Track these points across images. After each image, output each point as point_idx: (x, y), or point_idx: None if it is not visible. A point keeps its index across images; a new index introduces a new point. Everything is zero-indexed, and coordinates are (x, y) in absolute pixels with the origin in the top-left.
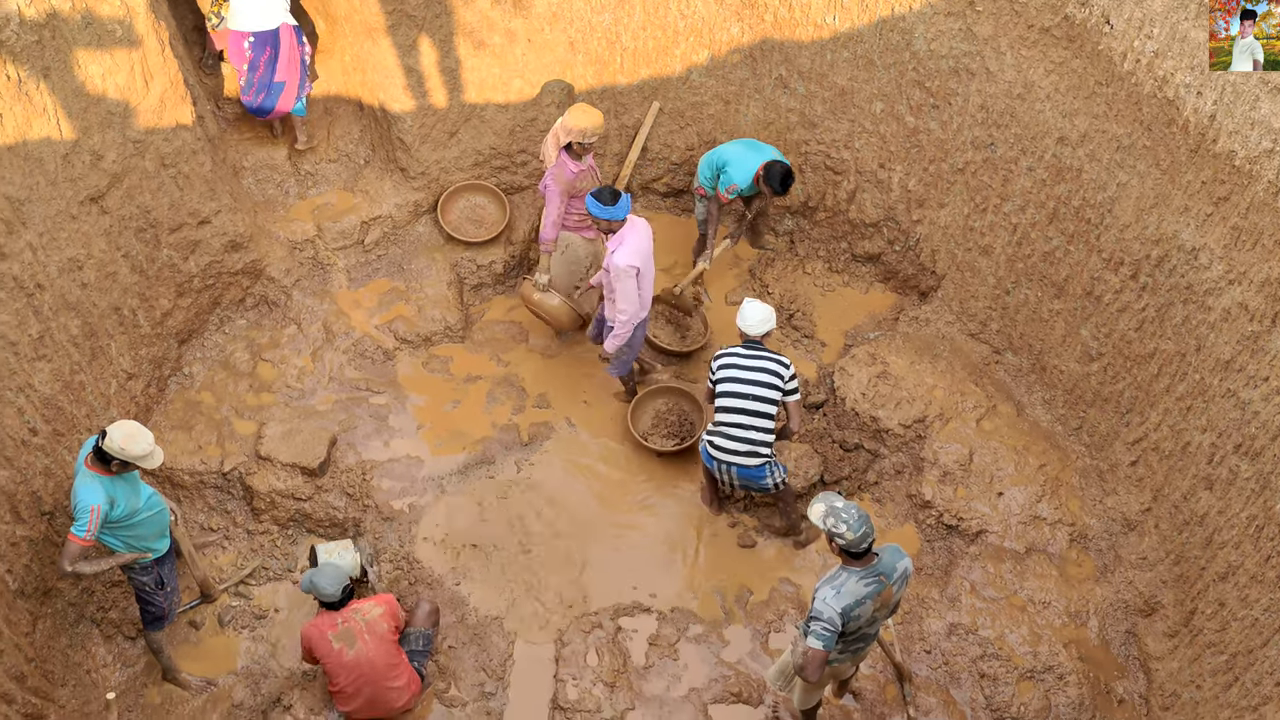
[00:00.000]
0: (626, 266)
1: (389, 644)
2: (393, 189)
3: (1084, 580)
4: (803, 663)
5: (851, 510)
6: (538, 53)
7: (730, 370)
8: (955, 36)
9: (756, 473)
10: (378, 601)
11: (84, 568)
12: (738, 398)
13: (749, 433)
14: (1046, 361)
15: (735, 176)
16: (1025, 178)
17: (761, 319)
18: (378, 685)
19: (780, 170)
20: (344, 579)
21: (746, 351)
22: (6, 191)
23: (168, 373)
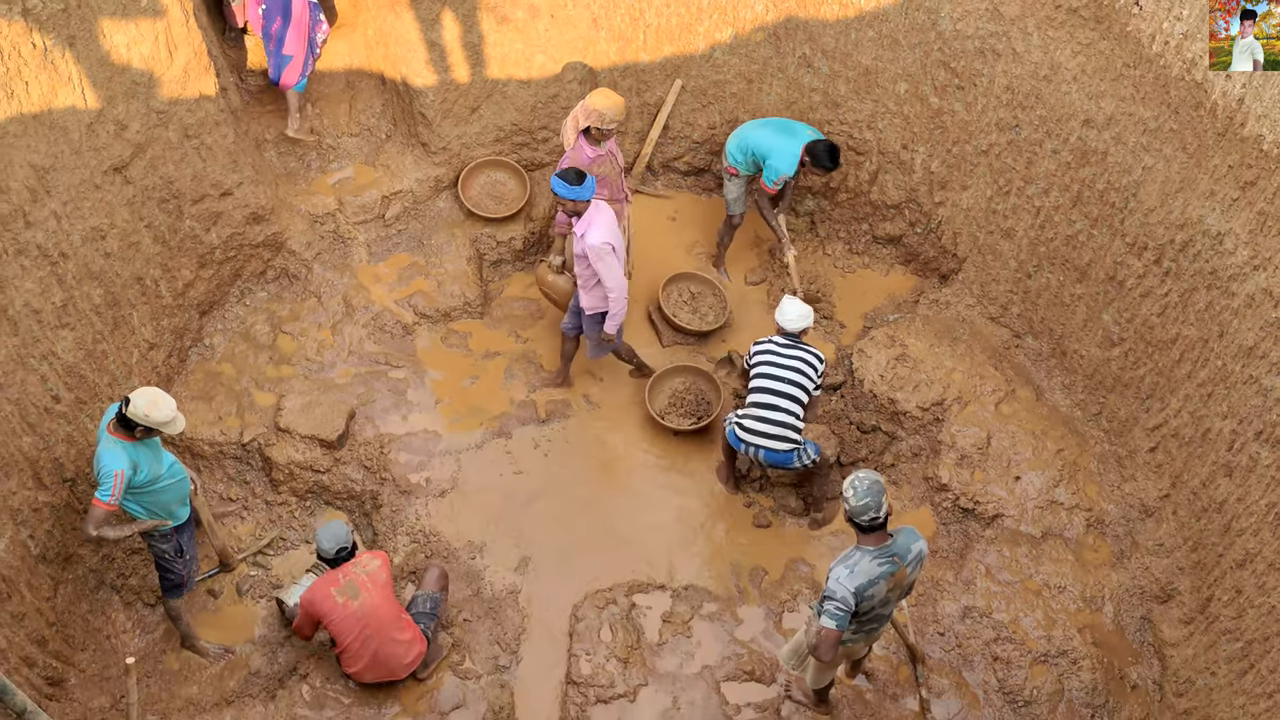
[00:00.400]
0: (602, 244)
1: (390, 592)
2: (414, 164)
3: (1100, 565)
4: (816, 642)
5: (865, 481)
6: (560, 28)
7: (765, 357)
8: (981, 16)
9: (784, 457)
10: (373, 555)
11: (107, 532)
12: (771, 380)
13: (778, 414)
14: (1067, 346)
15: (781, 166)
16: (1049, 160)
17: (799, 315)
18: (384, 637)
19: (825, 148)
20: (342, 539)
21: (783, 342)
22: (32, 160)
23: (189, 343)
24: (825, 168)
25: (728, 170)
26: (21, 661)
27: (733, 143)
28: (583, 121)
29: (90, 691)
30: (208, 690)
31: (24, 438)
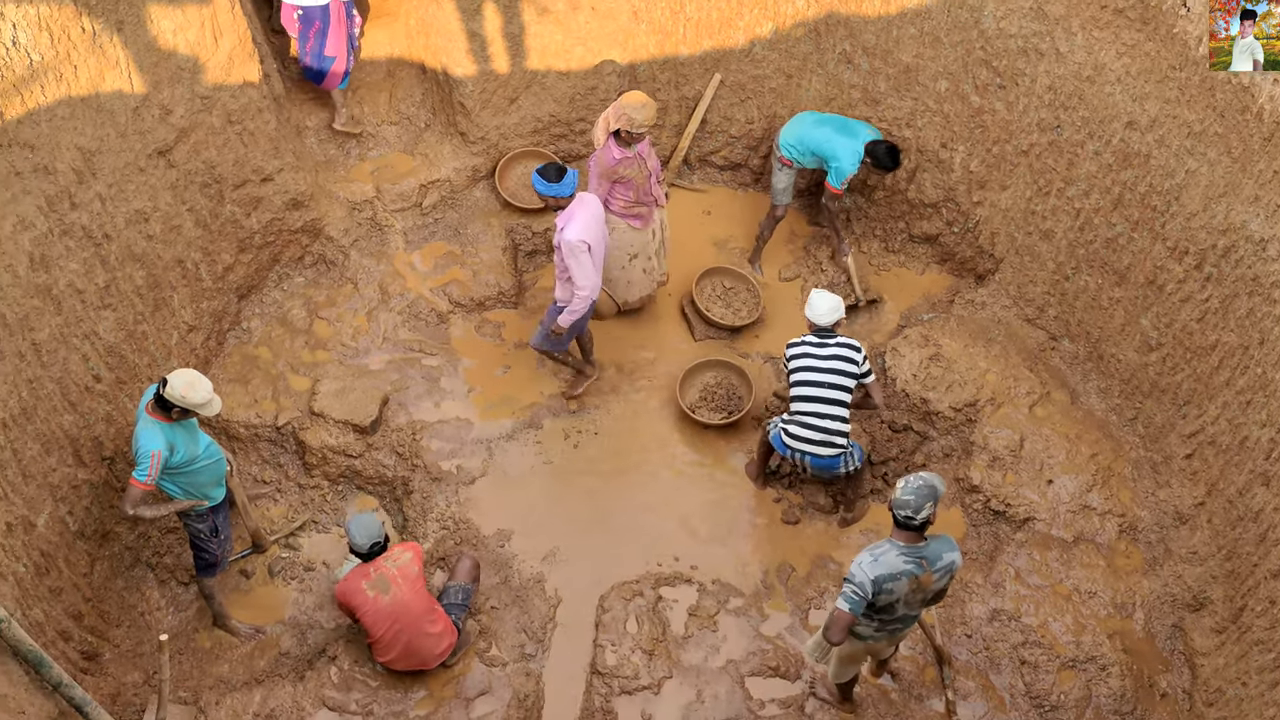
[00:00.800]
0: (577, 241)
1: (422, 585)
2: (452, 153)
3: (1132, 572)
4: (829, 622)
5: (918, 481)
6: (601, 21)
7: (804, 360)
8: (1025, 16)
9: (831, 462)
10: (405, 547)
11: (144, 511)
12: (813, 386)
13: (825, 422)
14: (1104, 350)
15: (847, 167)
16: (1091, 162)
17: (830, 308)
18: (415, 630)
19: (886, 148)
20: (375, 533)
21: (818, 340)
22: (79, 142)
23: (227, 326)
24: (886, 168)
25: (781, 160)
26: (58, 635)
27: (790, 135)
28: (613, 123)
29: (124, 667)
30: (238, 669)
31: (65, 416)
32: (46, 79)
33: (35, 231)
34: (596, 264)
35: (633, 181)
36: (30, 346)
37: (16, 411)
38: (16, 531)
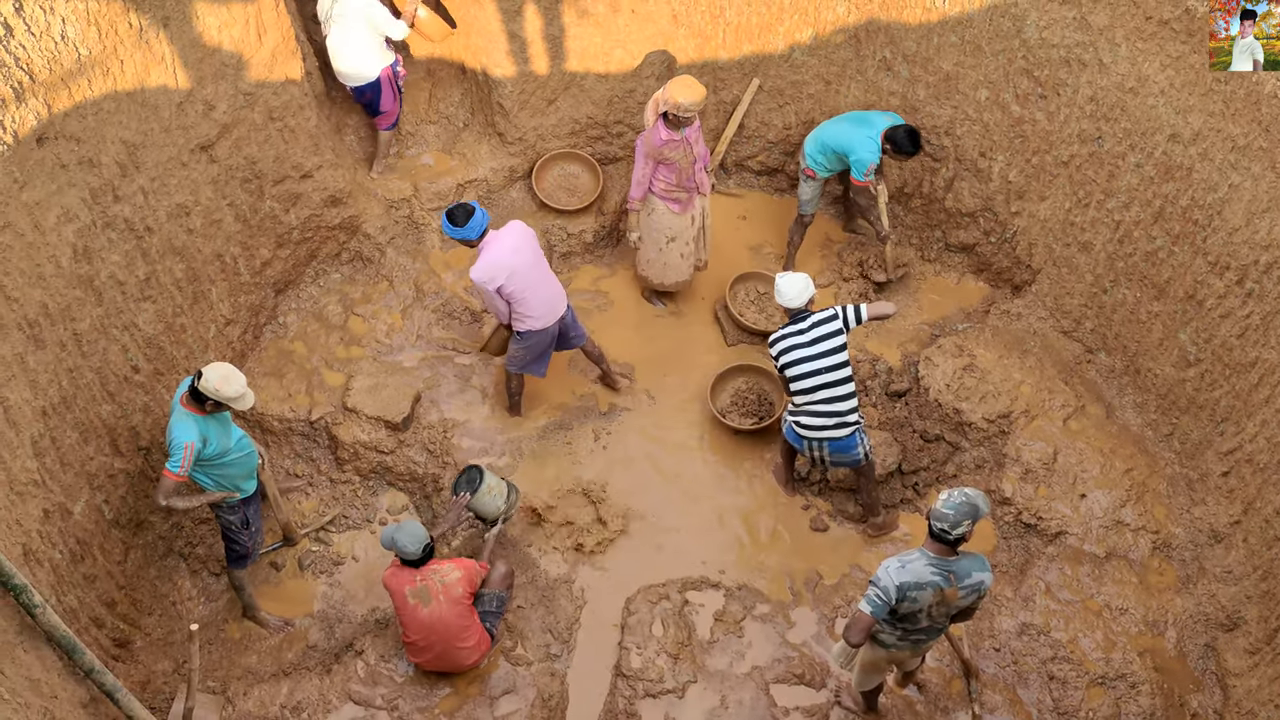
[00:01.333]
0: (479, 282)
1: (463, 607)
2: (489, 153)
3: (1164, 590)
4: (849, 622)
5: (960, 495)
6: (640, 24)
7: (793, 351)
8: (1068, 25)
9: (848, 443)
10: (456, 564)
11: (176, 502)
12: (811, 375)
13: (834, 404)
14: (1141, 364)
15: (866, 156)
16: (1132, 174)
17: (800, 289)
18: (449, 644)
19: (905, 132)
20: (424, 538)
21: (798, 326)
22: (123, 136)
23: (263, 321)
24: (907, 153)
25: (805, 172)
26: (91, 622)
27: (810, 144)
28: (662, 105)
29: (154, 655)
30: (266, 660)
31: (103, 405)
32: (93, 73)
33: (79, 223)
34: (529, 291)
35: (676, 165)
36: (71, 336)
37: (56, 400)
38: (54, 518)
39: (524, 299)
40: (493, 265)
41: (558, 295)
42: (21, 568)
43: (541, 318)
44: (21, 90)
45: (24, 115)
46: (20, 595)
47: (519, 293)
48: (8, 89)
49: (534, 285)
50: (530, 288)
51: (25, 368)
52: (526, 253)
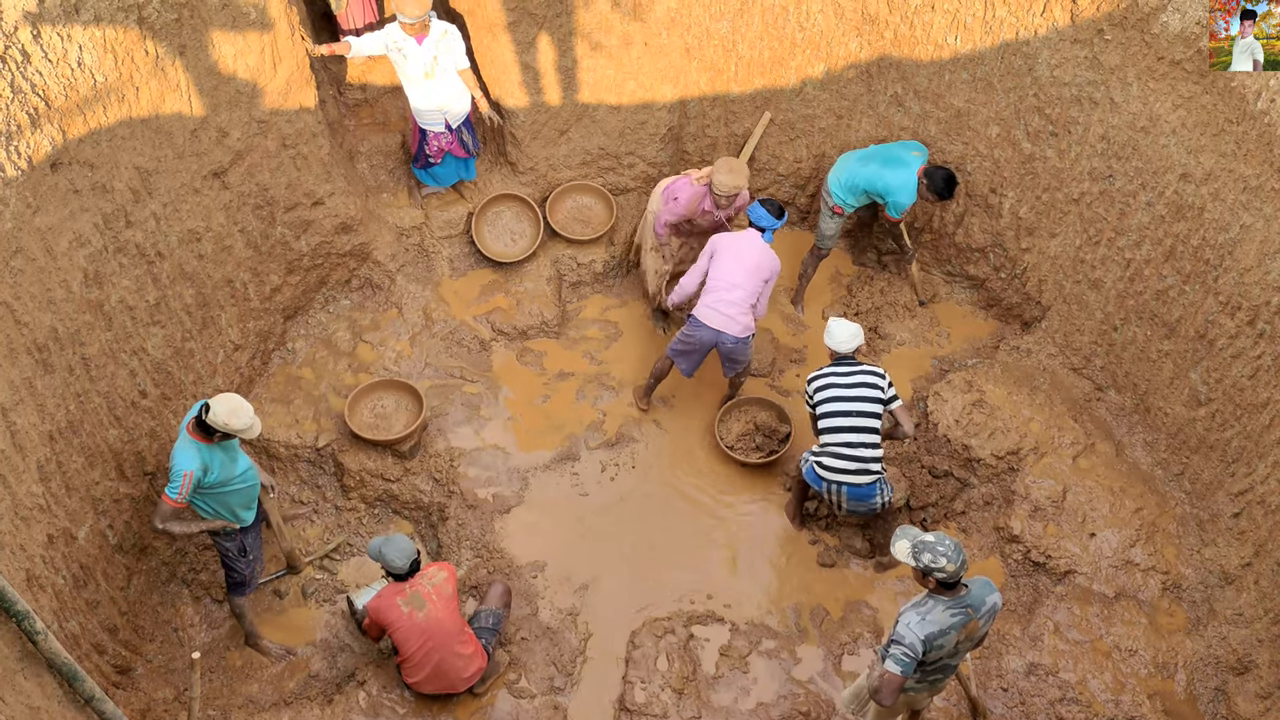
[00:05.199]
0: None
1: (455, 605)
2: (501, 182)
3: (1174, 631)
4: (878, 685)
5: (946, 542)
6: (653, 57)
7: (829, 390)
8: (1080, 64)
9: (867, 491)
10: (440, 567)
11: (174, 527)
12: (842, 416)
13: (858, 450)
14: (1151, 403)
15: (904, 200)
16: (1143, 213)
17: (850, 335)
18: (446, 649)
19: (944, 177)
20: (412, 553)
21: (841, 369)
22: (137, 162)
23: (272, 347)
24: (940, 196)
25: (833, 209)
26: (93, 648)
27: (837, 185)
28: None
29: (156, 682)
30: (267, 689)
31: (110, 430)
32: (109, 100)
33: (91, 248)
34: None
35: (693, 221)
36: (80, 361)
37: (63, 424)
38: (57, 543)
39: (712, 289)
40: (723, 240)
41: (731, 320)
42: (24, 594)
43: (708, 320)
44: (37, 116)
45: (39, 141)
46: (22, 622)
47: (712, 280)
48: (23, 115)
49: (722, 286)
50: (720, 285)
51: (33, 392)
52: (749, 260)
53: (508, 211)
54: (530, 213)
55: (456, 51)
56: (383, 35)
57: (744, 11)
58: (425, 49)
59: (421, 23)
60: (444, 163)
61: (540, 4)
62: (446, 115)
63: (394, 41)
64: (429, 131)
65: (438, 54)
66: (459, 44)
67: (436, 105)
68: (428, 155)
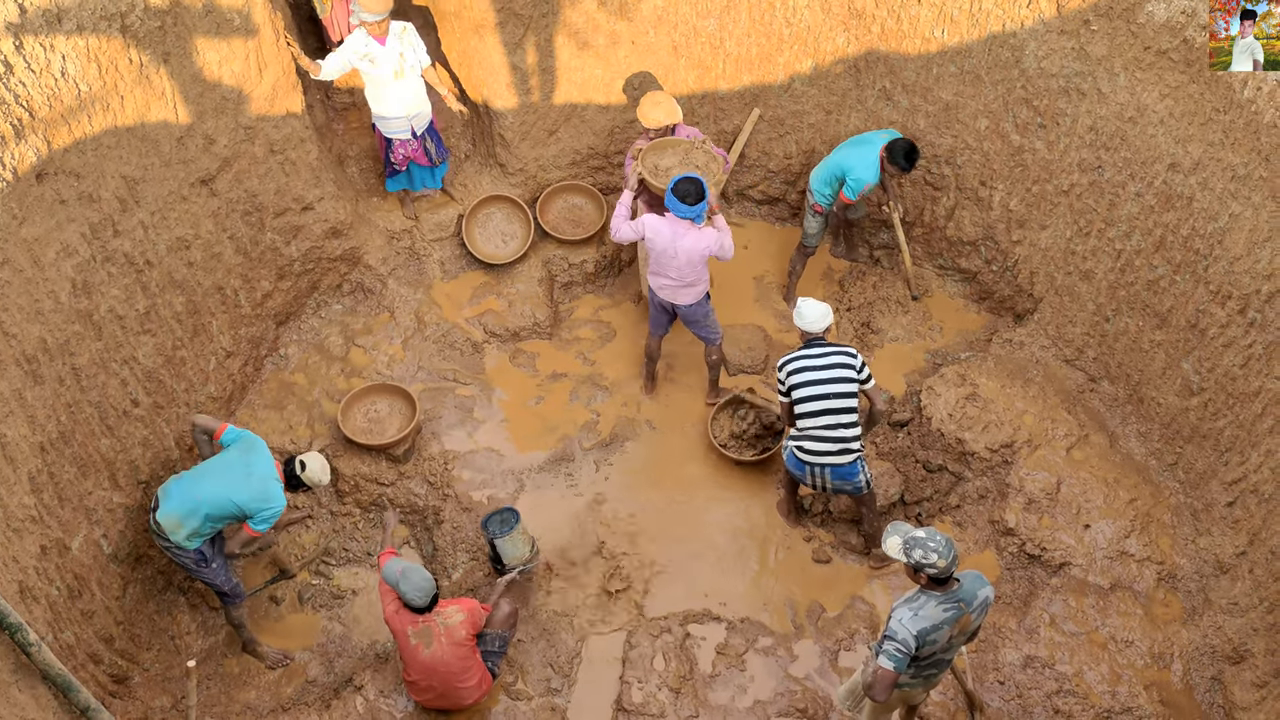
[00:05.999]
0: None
1: (465, 649)
2: (490, 184)
3: (1170, 621)
4: (871, 681)
5: (937, 538)
6: (641, 56)
7: (803, 374)
8: (1067, 55)
9: (850, 470)
10: (460, 606)
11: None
12: (819, 399)
13: (837, 430)
14: (1144, 393)
15: (864, 175)
16: (1132, 203)
17: (820, 315)
18: (447, 685)
19: (903, 146)
20: (430, 590)
21: (813, 351)
22: (123, 171)
23: (264, 353)
24: (902, 168)
25: (814, 208)
26: (89, 658)
27: (815, 179)
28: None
29: (153, 691)
30: (265, 696)
31: (102, 440)
32: (94, 109)
33: (78, 258)
34: (654, 254)
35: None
36: (70, 371)
37: (55, 435)
38: (51, 554)
39: (655, 272)
40: (652, 223)
41: (677, 293)
42: (17, 605)
43: (659, 292)
44: (21, 127)
45: (23, 152)
46: (15, 634)
47: (653, 264)
48: (7, 126)
49: (662, 273)
50: (660, 271)
51: (23, 403)
52: (681, 257)
53: (498, 213)
54: (521, 214)
55: (419, 48)
56: (346, 49)
57: (731, 8)
58: (390, 48)
59: (384, 23)
60: (408, 170)
61: (526, 4)
62: (412, 121)
63: (359, 50)
64: (394, 140)
65: (403, 50)
66: (419, 40)
67: (404, 110)
68: (393, 164)
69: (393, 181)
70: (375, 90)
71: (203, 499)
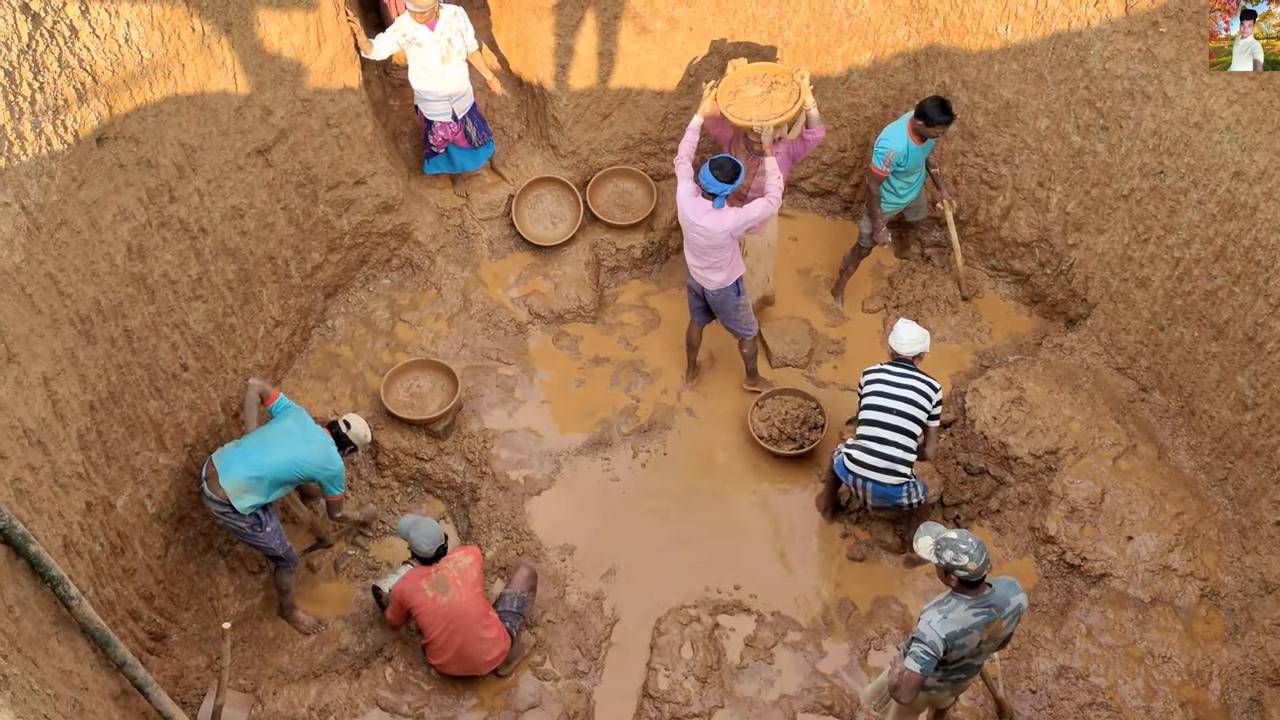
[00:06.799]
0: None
1: (479, 591)
2: (542, 166)
3: (1211, 639)
4: (897, 682)
5: (969, 539)
6: (698, 41)
7: (877, 386)
8: (1134, 57)
9: (893, 491)
10: (466, 551)
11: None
12: (882, 412)
13: (889, 449)
14: (1196, 405)
15: (888, 142)
16: (1194, 211)
17: (913, 339)
18: (470, 633)
19: (933, 102)
20: (439, 539)
21: (896, 369)
22: (182, 138)
23: (312, 324)
24: (941, 122)
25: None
26: (128, 614)
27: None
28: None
29: (189, 650)
30: (298, 661)
31: (151, 401)
32: (155, 76)
33: (135, 222)
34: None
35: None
36: (122, 333)
37: (105, 395)
38: (96, 511)
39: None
40: (681, 192)
41: (705, 279)
42: (60, 559)
43: (692, 274)
44: (84, 91)
45: (85, 115)
46: (57, 587)
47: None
48: (70, 89)
49: (689, 257)
50: (684, 236)
51: (75, 362)
52: (699, 244)
53: (548, 195)
54: (570, 196)
55: (468, 33)
56: (394, 31)
57: None
58: (438, 34)
59: (431, 9)
60: (447, 152)
61: None
62: (454, 104)
63: (406, 34)
64: (434, 122)
65: (450, 36)
66: (469, 25)
67: (448, 92)
68: (432, 146)
69: (431, 164)
70: (419, 72)
71: (270, 465)
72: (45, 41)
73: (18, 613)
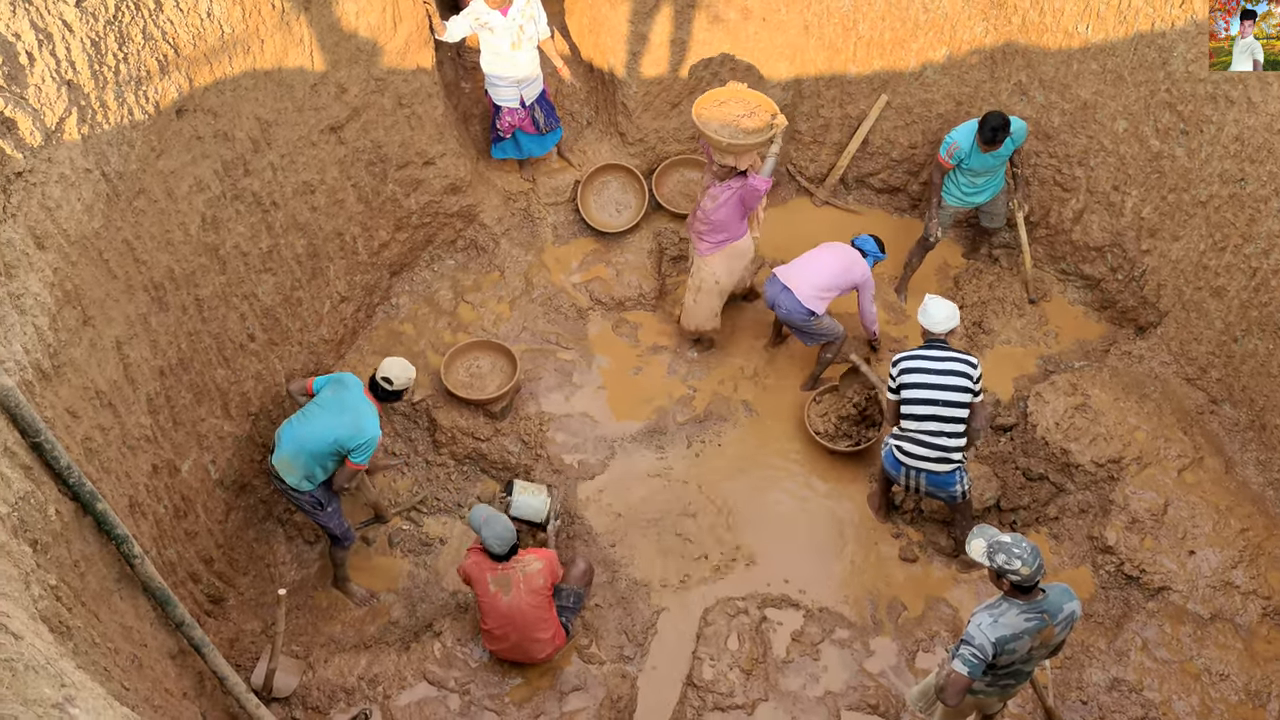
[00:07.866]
0: None
1: (542, 598)
2: (609, 152)
3: (1271, 659)
4: (944, 684)
5: (1023, 544)
6: (770, 32)
7: (916, 375)
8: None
9: (947, 479)
10: (538, 556)
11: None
12: (927, 404)
13: (940, 439)
14: (1268, 419)
15: (955, 135)
16: (1274, 220)
17: (947, 315)
18: (525, 634)
19: (991, 120)
20: (511, 540)
21: (931, 353)
22: (258, 112)
23: (377, 301)
24: (984, 140)
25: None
26: (188, 576)
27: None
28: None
29: (245, 614)
30: (349, 631)
31: (218, 370)
32: (234, 51)
33: (209, 194)
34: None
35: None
36: (194, 301)
37: (174, 361)
38: (161, 474)
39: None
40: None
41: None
42: (126, 519)
43: (780, 274)
44: (166, 63)
45: (166, 87)
46: (122, 545)
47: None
48: (153, 61)
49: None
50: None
51: (148, 328)
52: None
53: (614, 182)
54: (636, 184)
55: (540, 19)
56: (467, 14)
57: None
58: (511, 20)
59: None
60: (514, 137)
61: None
62: (523, 90)
63: (479, 18)
64: (502, 108)
65: (523, 23)
66: (541, 12)
67: (518, 77)
68: (499, 130)
69: (497, 149)
70: (490, 57)
71: (305, 439)
72: (131, 13)
73: (83, 568)
